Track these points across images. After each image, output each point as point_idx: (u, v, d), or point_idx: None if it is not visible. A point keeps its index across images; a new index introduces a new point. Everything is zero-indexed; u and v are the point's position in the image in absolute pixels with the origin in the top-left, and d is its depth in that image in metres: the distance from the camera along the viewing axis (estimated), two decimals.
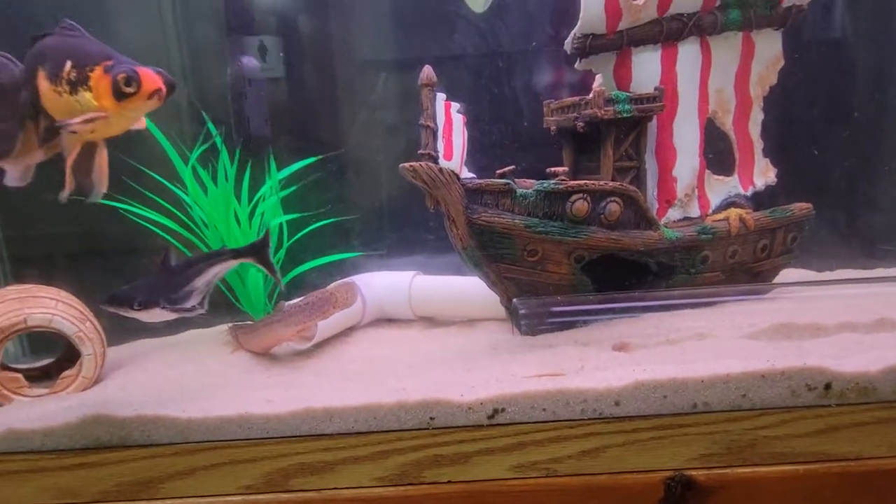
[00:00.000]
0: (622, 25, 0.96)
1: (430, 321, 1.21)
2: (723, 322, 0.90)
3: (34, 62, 0.68)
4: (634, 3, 0.94)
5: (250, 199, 1.14)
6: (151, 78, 0.64)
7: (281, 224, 1.12)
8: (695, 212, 1.07)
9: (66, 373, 0.96)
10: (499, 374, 0.83)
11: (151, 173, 1.08)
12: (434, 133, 0.87)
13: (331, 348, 1.07)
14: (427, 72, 0.86)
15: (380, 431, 0.77)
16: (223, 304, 1.32)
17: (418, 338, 1.12)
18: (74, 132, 0.66)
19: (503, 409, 0.77)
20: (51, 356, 1.11)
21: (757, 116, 1.05)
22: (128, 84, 0.63)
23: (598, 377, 0.78)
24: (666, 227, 1.00)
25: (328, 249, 1.20)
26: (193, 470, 0.78)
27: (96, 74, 0.64)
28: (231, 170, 1.08)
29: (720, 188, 1.09)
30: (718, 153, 1.05)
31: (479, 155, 1.01)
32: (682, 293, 0.94)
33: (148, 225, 1.09)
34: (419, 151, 0.89)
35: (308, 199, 1.16)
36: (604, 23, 0.95)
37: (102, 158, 0.71)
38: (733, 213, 1.00)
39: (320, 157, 1.18)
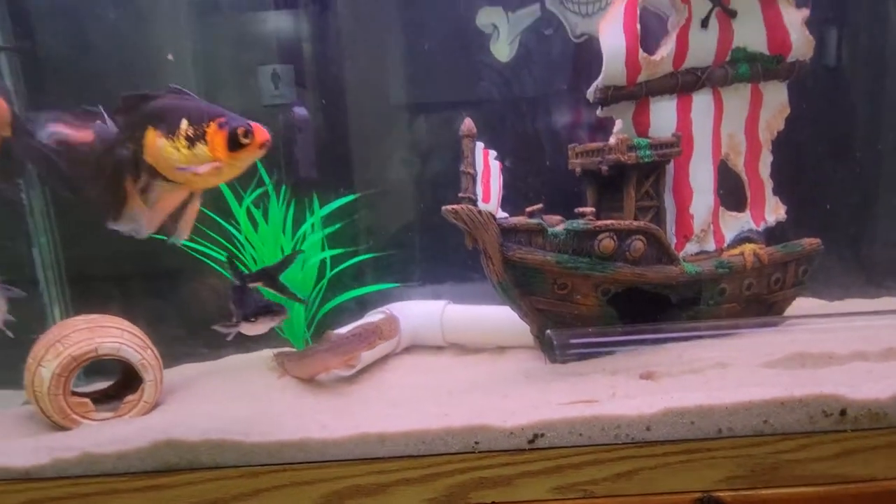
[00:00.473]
0: (641, 78, 1.05)
1: (461, 348, 1.28)
2: (742, 351, 0.97)
3: (143, 121, 0.77)
4: (652, 59, 1.04)
5: (294, 236, 1.23)
6: (261, 131, 0.73)
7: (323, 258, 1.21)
8: (710, 246, 1.15)
9: (129, 398, 1.02)
10: (536, 400, 0.90)
11: (208, 212, 1.17)
12: (473, 178, 0.96)
13: (370, 375, 1.14)
14: (468, 124, 0.95)
15: (428, 455, 0.84)
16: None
17: (452, 365, 1.19)
18: (174, 182, 0.75)
19: (542, 434, 0.83)
20: (103, 379, 1.18)
21: (766, 158, 1.14)
22: (245, 136, 0.72)
23: (630, 404, 0.84)
24: (685, 260, 1.07)
25: (367, 280, 1.28)
26: (257, 491, 0.84)
27: (212, 130, 0.73)
28: (280, 210, 1.17)
29: (734, 224, 1.17)
30: (732, 191, 1.14)
31: (508, 190, 1.09)
32: (703, 324, 1.01)
33: (204, 259, 1.18)
34: (459, 195, 0.97)
35: (350, 234, 1.25)
36: (624, 76, 1.04)
37: (195, 207, 0.80)
38: (748, 248, 1.08)
39: (358, 195, 1.27)
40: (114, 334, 1.02)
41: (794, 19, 1.06)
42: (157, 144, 0.75)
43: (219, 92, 1.33)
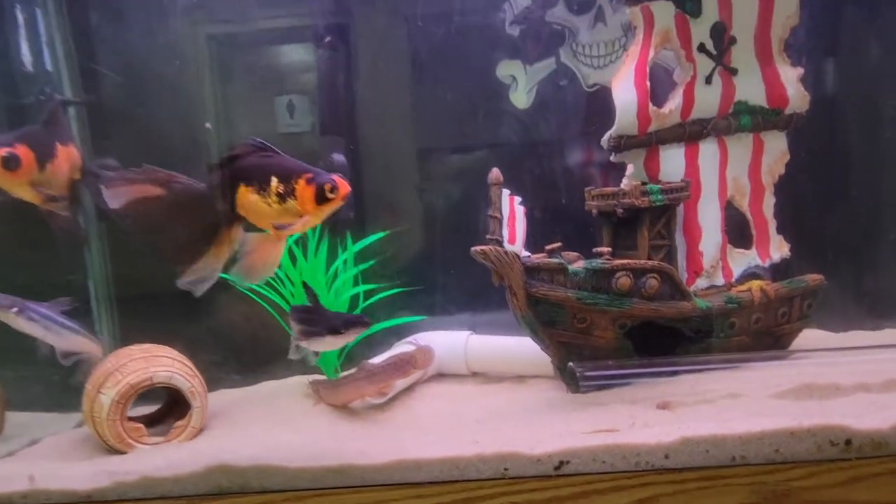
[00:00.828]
0: (651, 128, 1.15)
1: (483, 377, 1.35)
2: (752, 383, 1.03)
3: (234, 179, 0.85)
4: (661, 111, 1.14)
5: (327, 271, 1.32)
6: (343, 184, 0.82)
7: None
8: (720, 280, 1.23)
9: (178, 423, 1.10)
10: (560, 429, 0.96)
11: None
12: (500, 222, 1.05)
13: (400, 403, 1.21)
14: (495, 173, 1.04)
15: (462, 480, 0.90)
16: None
17: (476, 393, 1.25)
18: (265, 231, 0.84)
19: (568, 462, 0.90)
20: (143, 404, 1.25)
21: (769, 200, 1.23)
22: (332, 191, 0.81)
23: (649, 433, 0.91)
24: (696, 295, 1.15)
25: (395, 313, 1.36)
26: None
27: (300, 186, 0.81)
28: (322, 247, 1.27)
29: (741, 260, 1.25)
30: (738, 230, 1.22)
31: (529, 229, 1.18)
32: (714, 357, 1.08)
33: (248, 293, 1.27)
34: (487, 237, 1.06)
35: (380, 269, 1.34)
36: (636, 127, 1.14)
37: (279, 251, 0.89)
38: (755, 284, 1.15)
39: (388, 232, 1.37)
40: (166, 363, 1.10)
41: (791, 76, 1.16)
42: (249, 200, 0.82)
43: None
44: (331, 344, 0.98)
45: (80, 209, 1.20)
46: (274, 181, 0.81)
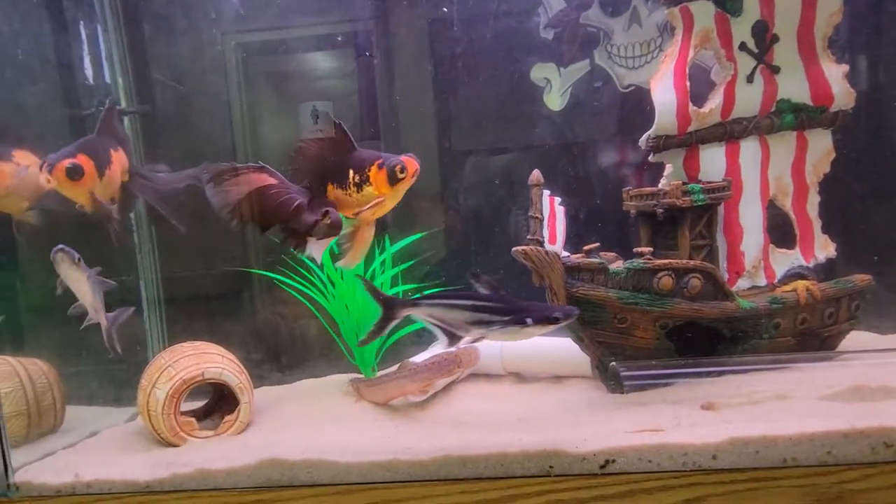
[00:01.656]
0: (691, 128, 1.14)
1: (518, 377, 1.36)
2: (800, 385, 1.02)
3: (324, 179, 0.94)
4: (701, 111, 1.13)
5: (365, 272, 1.35)
6: (412, 162, 0.89)
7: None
8: (762, 281, 1.21)
9: (228, 418, 1.13)
10: (604, 428, 0.96)
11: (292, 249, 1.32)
12: (541, 222, 1.06)
13: (439, 401, 1.22)
14: (536, 175, 1.06)
15: (507, 477, 0.91)
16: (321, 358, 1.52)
17: (514, 392, 1.26)
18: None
19: (614, 460, 0.90)
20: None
21: (814, 199, 1.20)
22: (401, 171, 0.88)
23: (696, 433, 0.90)
24: (738, 296, 1.13)
25: None
26: None
27: (373, 172, 0.89)
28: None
29: (784, 260, 1.22)
30: (781, 230, 1.20)
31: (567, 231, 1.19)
32: (761, 357, 1.06)
33: (288, 289, 1.31)
34: (528, 237, 1.08)
35: (420, 270, 1.37)
36: (675, 127, 1.14)
37: (370, 234, 0.99)
38: (801, 284, 1.13)
39: (424, 233, 1.39)
40: (216, 360, 1.14)
41: (836, 73, 1.14)
42: (335, 195, 0.93)
43: None
44: (530, 332, 0.91)
45: (128, 209, 1.26)
46: (350, 173, 0.89)
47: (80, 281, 1.14)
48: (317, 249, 0.96)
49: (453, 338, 0.94)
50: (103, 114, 1.20)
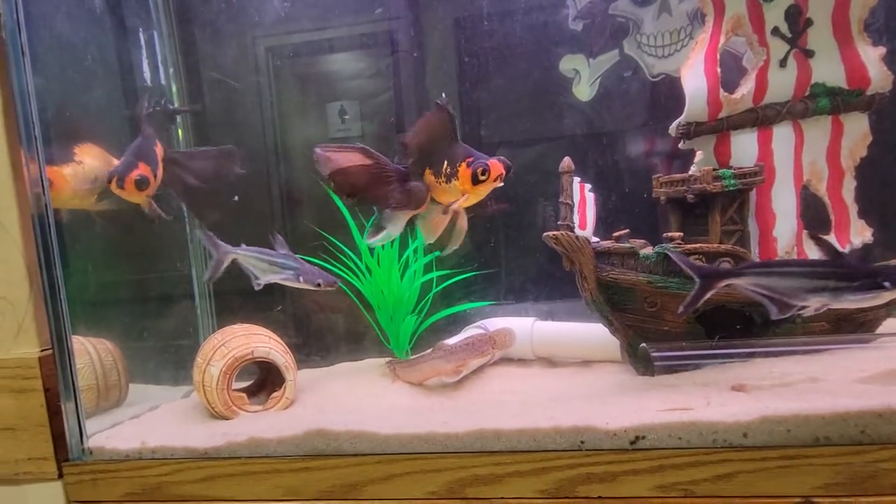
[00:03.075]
0: (722, 115, 1.15)
1: (548, 362, 1.39)
2: (834, 368, 1.02)
3: (423, 163, 1.04)
4: (732, 97, 1.14)
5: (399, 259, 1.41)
6: (496, 166, 0.97)
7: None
8: None
9: (275, 394, 1.22)
10: (634, 407, 0.99)
11: (333, 238, 1.39)
12: (571, 208, 1.10)
13: (471, 383, 1.27)
14: (566, 162, 1.09)
15: (540, 451, 0.95)
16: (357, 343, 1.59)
17: (545, 375, 1.30)
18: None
19: (643, 437, 0.93)
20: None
21: (849, 184, 1.19)
22: (483, 174, 0.96)
23: (726, 411, 0.92)
24: None
25: (467, 299, 1.44)
26: (391, 476, 0.99)
27: (462, 168, 0.98)
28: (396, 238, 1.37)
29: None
30: (817, 215, 1.20)
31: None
32: (794, 340, 1.07)
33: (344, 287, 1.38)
34: (558, 223, 1.11)
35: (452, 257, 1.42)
36: (706, 114, 1.15)
37: (464, 221, 1.10)
38: None
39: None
40: (264, 341, 1.23)
41: (872, 56, 1.13)
42: (431, 181, 1.02)
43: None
44: (882, 299, 0.84)
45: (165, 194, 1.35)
46: (445, 164, 0.98)
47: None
48: (394, 223, 1.06)
49: (785, 307, 0.89)
50: (143, 116, 1.28)
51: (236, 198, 1.44)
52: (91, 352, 1.30)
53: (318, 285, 1.22)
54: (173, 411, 1.29)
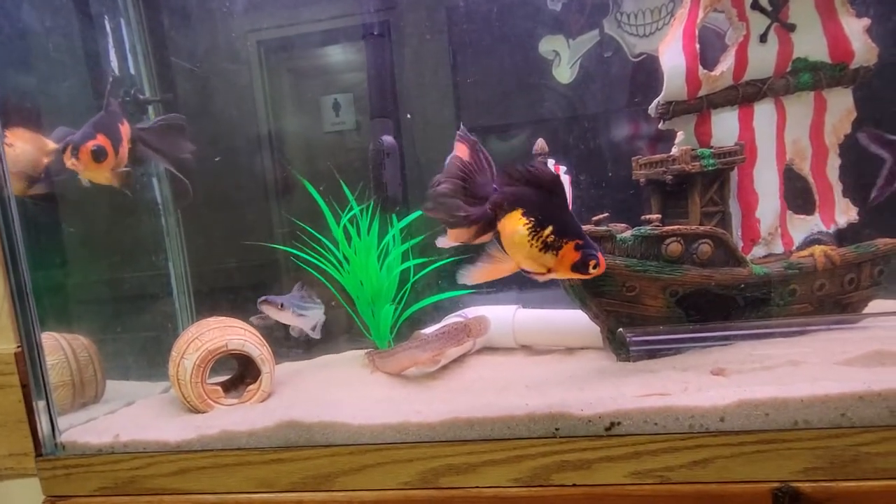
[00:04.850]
0: (701, 93, 1.12)
1: (530, 349, 1.37)
2: (815, 350, 0.99)
3: (518, 202, 0.83)
4: (712, 74, 1.11)
5: (379, 246, 1.39)
6: (602, 261, 0.81)
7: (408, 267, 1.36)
8: (779, 248, 1.18)
9: (251, 387, 1.20)
10: (611, 393, 0.97)
11: (308, 228, 1.37)
12: None
13: (451, 371, 1.25)
14: (540, 143, 1.06)
15: (514, 438, 0.93)
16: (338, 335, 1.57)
17: (525, 363, 1.28)
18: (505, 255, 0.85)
19: (619, 423, 0.91)
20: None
21: (834, 162, 1.16)
22: (594, 267, 0.80)
23: (703, 396, 0.90)
24: (753, 263, 1.11)
25: (446, 288, 1.41)
26: (363, 467, 0.98)
27: (567, 248, 0.81)
28: (374, 226, 1.34)
29: (802, 226, 1.19)
30: (801, 195, 1.17)
31: (575, 203, 1.19)
32: (774, 322, 1.04)
33: (305, 266, 1.36)
34: None
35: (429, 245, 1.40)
36: (685, 92, 1.11)
37: (506, 273, 0.88)
38: (818, 249, 1.10)
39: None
40: (239, 333, 1.21)
41: (856, 28, 1.09)
42: (516, 228, 0.82)
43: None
44: None
45: (136, 169, 1.30)
46: (549, 229, 0.81)
47: (288, 318, 1.27)
48: (445, 241, 0.93)
49: None
50: (108, 91, 1.20)
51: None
52: (65, 348, 1.29)
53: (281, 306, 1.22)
54: (149, 406, 1.28)
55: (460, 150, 0.89)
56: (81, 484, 1.07)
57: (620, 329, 1.07)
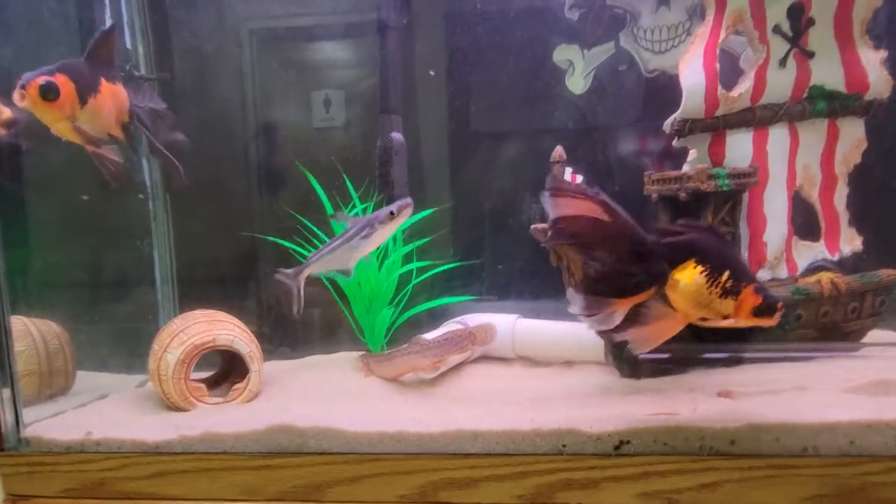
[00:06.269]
0: (718, 112, 1.12)
1: (529, 361, 1.34)
2: (821, 376, 1.00)
3: (688, 249, 0.80)
4: (730, 95, 1.11)
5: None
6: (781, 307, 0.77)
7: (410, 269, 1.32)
8: (783, 273, 1.18)
9: (237, 386, 1.13)
10: (619, 410, 0.94)
11: (307, 222, 1.31)
12: None
13: (449, 380, 1.21)
14: (558, 151, 1.04)
15: (518, 454, 0.90)
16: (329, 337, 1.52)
17: (525, 375, 1.25)
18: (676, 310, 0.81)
19: (628, 442, 0.88)
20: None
21: (842, 191, 1.17)
22: (777, 310, 0.76)
23: (713, 418, 0.88)
24: None
25: (447, 292, 1.38)
26: (358, 478, 0.92)
27: (747, 293, 0.77)
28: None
29: (807, 253, 1.20)
30: (807, 222, 1.17)
31: None
32: (780, 346, 1.04)
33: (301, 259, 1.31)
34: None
35: (432, 248, 1.36)
36: (703, 111, 1.11)
37: (674, 331, 0.84)
38: (825, 276, 1.11)
39: (434, 210, 1.38)
40: (228, 328, 1.14)
41: (872, 60, 1.11)
42: (692, 277, 0.78)
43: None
44: None
45: (132, 154, 1.19)
46: (726, 275, 0.77)
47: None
48: (577, 302, 0.82)
49: None
50: (96, 39, 1.03)
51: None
52: (34, 333, 1.19)
53: (392, 214, 1.08)
54: (123, 401, 1.19)
55: (590, 211, 0.81)
56: (45, 484, 0.98)
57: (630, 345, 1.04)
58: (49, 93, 0.95)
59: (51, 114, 0.98)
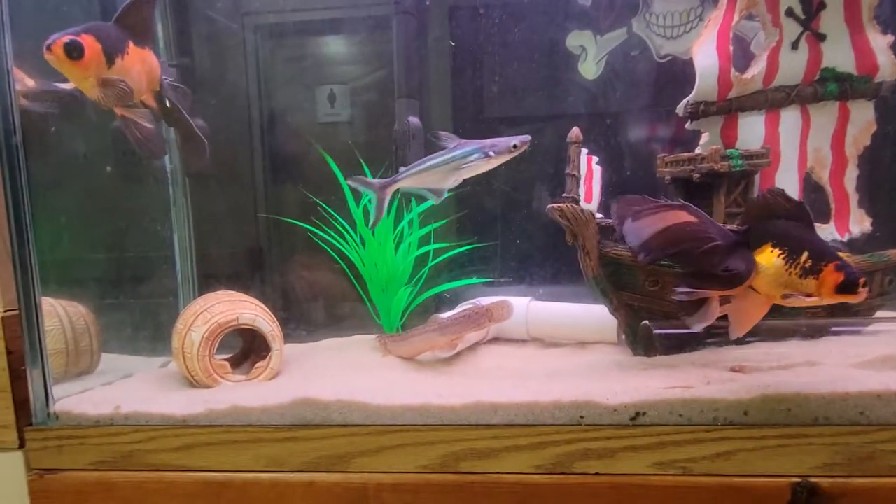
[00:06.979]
0: (731, 95, 1.14)
1: (542, 342, 1.37)
2: (831, 352, 1.02)
3: (765, 236, 0.83)
4: (743, 77, 1.13)
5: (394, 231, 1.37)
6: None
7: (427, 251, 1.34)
8: None
9: (259, 364, 1.16)
10: (634, 384, 0.97)
11: (327, 207, 1.33)
12: (577, 180, 1.07)
13: (466, 359, 1.24)
14: (575, 132, 1.06)
15: (538, 425, 0.92)
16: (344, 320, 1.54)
17: (540, 354, 1.27)
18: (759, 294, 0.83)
19: (644, 413, 0.91)
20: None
21: (852, 172, 1.19)
22: (864, 286, 0.76)
23: (727, 390, 0.91)
24: None
25: (462, 275, 1.40)
26: (381, 448, 0.95)
27: (828, 270, 0.78)
28: (393, 208, 1.32)
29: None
30: (817, 203, 1.20)
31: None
32: (792, 323, 1.06)
33: (324, 246, 1.33)
34: (563, 195, 1.08)
35: (448, 232, 1.38)
36: (716, 93, 1.13)
37: (761, 314, 0.87)
38: None
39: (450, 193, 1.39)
40: (251, 308, 1.17)
41: (881, 43, 1.13)
42: (771, 262, 0.81)
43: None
44: None
45: (161, 123, 1.16)
46: (805, 255, 0.80)
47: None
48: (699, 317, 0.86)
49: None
50: (127, 4, 1.03)
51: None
52: (61, 314, 1.22)
53: (515, 147, 1.02)
54: (148, 380, 1.22)
55: (677, 218, 0.84)
56: (75, 457, 1.01)
57: (646, 322, 1.07)
58: (74, 51, 0.96)
59: (77, 72, 0.99)
